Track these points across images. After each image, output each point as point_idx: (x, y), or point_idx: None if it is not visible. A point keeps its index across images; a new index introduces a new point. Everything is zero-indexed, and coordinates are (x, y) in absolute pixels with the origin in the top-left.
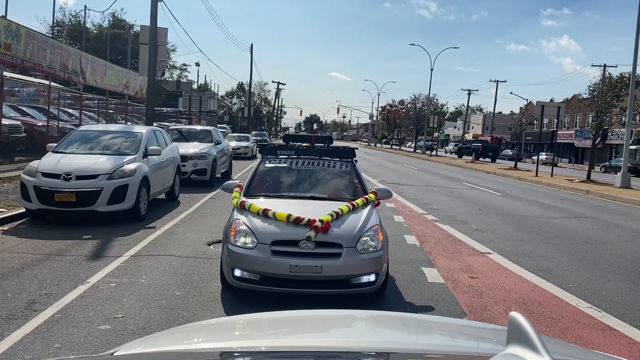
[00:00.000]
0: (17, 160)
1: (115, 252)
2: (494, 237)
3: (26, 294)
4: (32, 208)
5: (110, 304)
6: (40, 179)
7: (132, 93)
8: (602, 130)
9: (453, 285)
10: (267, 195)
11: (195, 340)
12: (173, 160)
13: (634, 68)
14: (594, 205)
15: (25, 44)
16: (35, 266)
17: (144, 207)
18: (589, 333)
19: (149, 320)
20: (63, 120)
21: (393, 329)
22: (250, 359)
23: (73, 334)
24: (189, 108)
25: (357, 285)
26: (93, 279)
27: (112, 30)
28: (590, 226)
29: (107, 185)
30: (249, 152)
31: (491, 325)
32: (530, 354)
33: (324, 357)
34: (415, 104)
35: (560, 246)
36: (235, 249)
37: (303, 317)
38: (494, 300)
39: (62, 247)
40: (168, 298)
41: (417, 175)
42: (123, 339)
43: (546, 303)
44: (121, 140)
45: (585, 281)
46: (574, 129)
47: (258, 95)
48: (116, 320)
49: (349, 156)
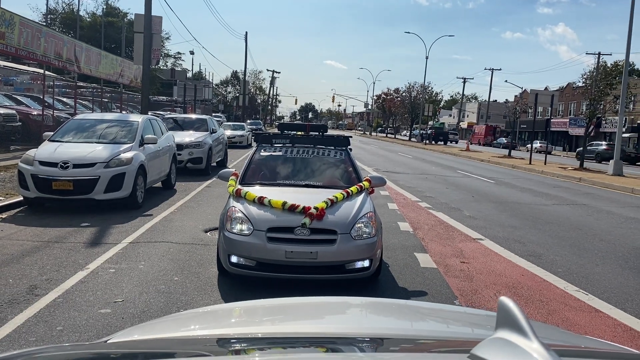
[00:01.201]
0: (13, 149)
1: (114, 239)
2: (486, 224)
3: (27, 280)
4: (30, 196)
5: (110, 289)
6: (38, 167)
7: (127, 82)
8: (596, 118)
9: (445, 270)
10: (262, 183)
11: (191, 327)
12: (169, 149)
13: (627, 56)
14: (585, 193)
15: (19, 33)
16: (35, 253)
17: (141, 195)
18: (575, 315)
19: (148, 304)
20: (58, 109)
21: (387, 316)
22: (247, 345)
23: (75, 317)
24: (184, 97)
25: (351, 270)
26: (92, 265)
27: (105, 19)
28: (581, 213)
29: (104, 174)
30: (244, 141)
31: (485, 312)
32: (519, 338)
33: (319, 343)
34: (410, 92)
35: (551, 232)
36: (231, 235)
37: (299, 304)
38: (484, 284)
39: (60, 234)
40: (166, 283)
41: (411, 163)
42: (123, 322)
43: (535, 287)
44: (117, 129)
45: (574, 266)
46: (568, 117)
47: (253, 84)
48: (116, 304)
49: (344, 144)
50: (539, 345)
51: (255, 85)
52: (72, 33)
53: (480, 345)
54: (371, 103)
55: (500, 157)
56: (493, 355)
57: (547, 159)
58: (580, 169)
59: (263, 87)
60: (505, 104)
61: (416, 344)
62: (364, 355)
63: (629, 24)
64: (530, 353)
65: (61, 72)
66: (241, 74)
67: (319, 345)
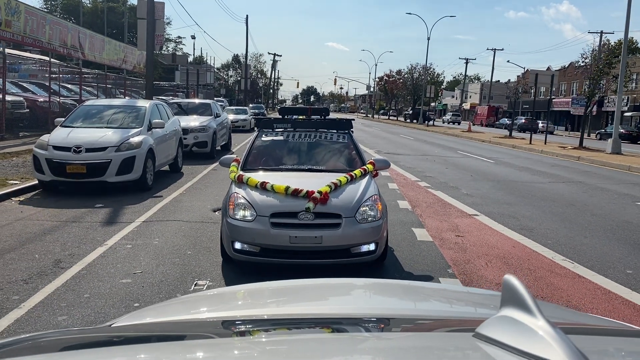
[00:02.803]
0: (22, 136)
1: (128, 219)
2: (482, 201)
3: (52, 255)
4: (45, 180)
5: (129, 262)
6: (52, 152)
7: (130, 67)
8: (598, 97)
9: (440, 242)
10: (264, 169)
11: (195, 310)
12: (175, 133)
13: (626, 35)
14: (583, 171)
15: (25, 21)
16: (56, 231)
17: (151, 178)
18: (559, 280)
19: (165, 274)
20: (63, 95)
21: (391, 296)
22: (252, 326)
23: (99, 286)
24: (187, 82)
25: (356, 254)
26: (110, 242)
27: (106, 4)
28: (576, 190)
29: (116, 157)
30: (247, 125)
31: (489, 291)
32: (525, 316)
33: (324, 324)
34: (412, 74)
35: (545, 208)
36: (234, 222)
37: (304, 286)
38: (477, 255)
39: (77, 214)
40: (181, 256)
41: (413, 145)
42: (144, 290)
43: (524, 257)
44: (126, 114)
45: (564, 238)
46: (570, 97)
47: (254, 67)
48: (136, 275)
49: (346, 127)
50: (545, 322)
51: (256, 69)
52: (73, 19)
53: (486, 324)
54: (373, 85)
55: (501, 137)
56: (499, 333)
57: (547, 138)
58: (580, 148)
59: (264, 71)
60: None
61: (420, 323)
62: (369, 335)
63: (627, 2)
64: (536, 330)
65: (64, 58)
66: (242, 57)
67: (324, 325)
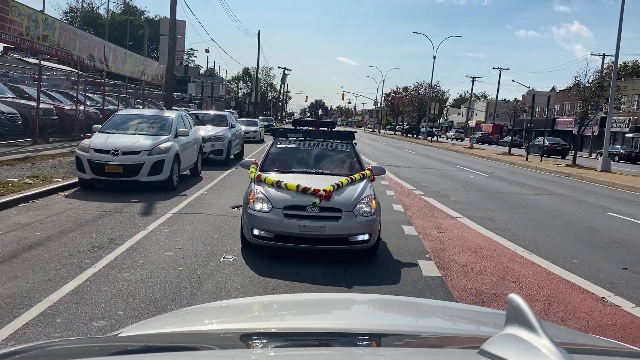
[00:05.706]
0: (52, 141)
1: (161, 211)
2: (467, 207)
3: (105, 235)
4: (86, 178)
5: (169, 241)
6: (93, 154)
7: (148, 79)
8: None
9: (423, 236)
10: (279, 171)
11: (199, 322)
12: (196, 141)
13: (616, 58)
14: (569, 186)
15: (58, 35)
16: (104, 218)
17: (176, 179)
18: (515, 265)
19: (199, 250)
20: (86, 104)
21: (395, 313)
22: (257, 339)
23: (149, 256)
24: (202, 94)
25: (353, 242)
26: (150, 227)
27: (124, 17)
28: (556, 201)
29: (148, 160)
30: (257, 136)
31: (490, 310)
32: (529, 335)
33: (329, 338)
34: (418, 91)
35: (522, 214)
36: (254, 212)
37: (310, 301)
38: (452, 246)
39: (117, 207)
40: (210, 239)
41: (414, 158)
42: (184, 260)
43: (491, 248)
44: (155, 123)
45: (530, 237)
46: (573, 117)
47: (264, 81)
48: (176, 250)
49: (349, 138)
50: (549, 341)
51: (266, 82)
52: (91, 30)
53: (491, 341)
54: (380, 101)
55: (500, 154)
56: (503, 350)
57: (544, 156)
58: (572, 165)
59: (274, 84)
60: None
61: (422, 340)
62: (371, 350)
63: (618, 26)
64: (539, 349)
65: (87, 69)
66: (252, 70)
67: (325, 340)
